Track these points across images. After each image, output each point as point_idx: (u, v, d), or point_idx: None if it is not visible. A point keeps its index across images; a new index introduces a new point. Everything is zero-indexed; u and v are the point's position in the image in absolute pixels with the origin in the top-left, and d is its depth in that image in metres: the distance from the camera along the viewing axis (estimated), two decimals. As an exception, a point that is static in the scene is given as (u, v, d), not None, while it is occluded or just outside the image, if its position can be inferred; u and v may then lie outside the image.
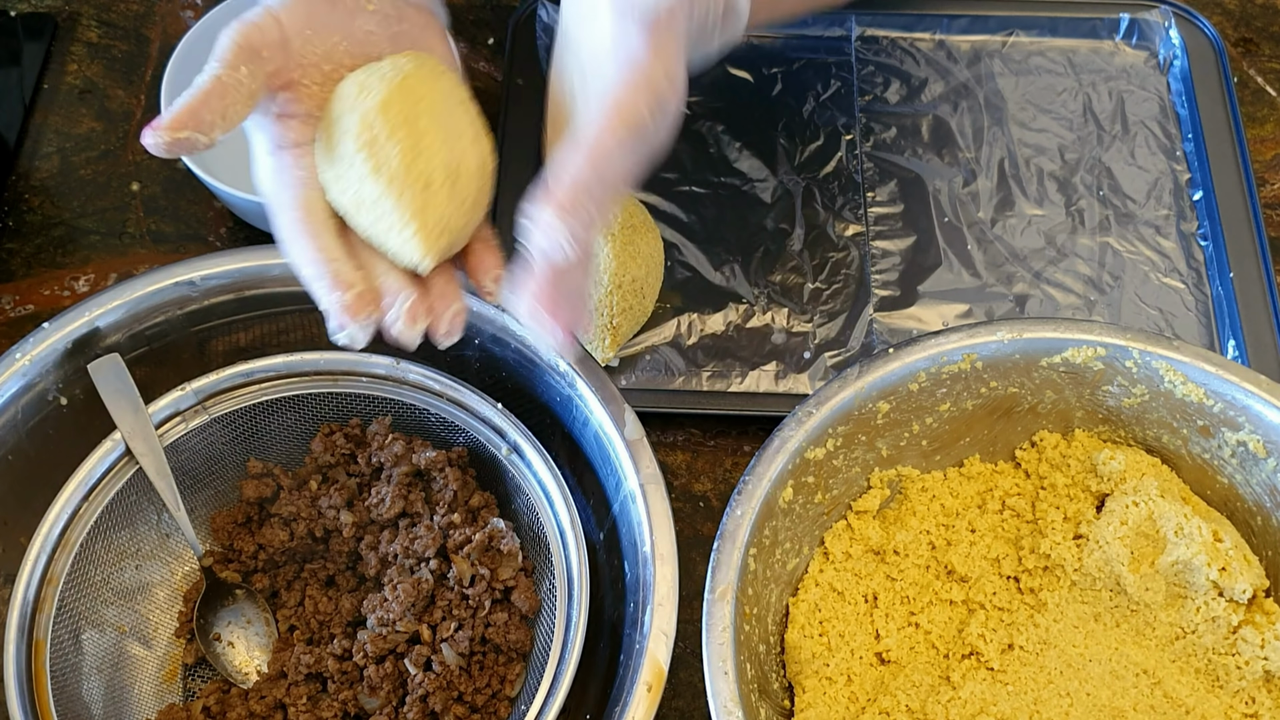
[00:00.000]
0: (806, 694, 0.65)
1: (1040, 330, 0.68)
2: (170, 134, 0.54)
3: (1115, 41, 0.94)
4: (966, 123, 0.91)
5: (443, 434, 0.72)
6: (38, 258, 0.86)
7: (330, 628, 0.70)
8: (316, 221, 0.58)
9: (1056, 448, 0.71)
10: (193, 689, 0.70)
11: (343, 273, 0.57)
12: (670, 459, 0.79)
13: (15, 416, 0.68)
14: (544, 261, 0.53)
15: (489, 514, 0.70)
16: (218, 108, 0.55)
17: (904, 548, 0.69)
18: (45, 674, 0.63)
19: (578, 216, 0.52)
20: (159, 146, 0.54)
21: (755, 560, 0.64)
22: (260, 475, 0.72)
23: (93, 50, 0.95)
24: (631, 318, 0.79)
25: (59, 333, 0.69)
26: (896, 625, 0.67)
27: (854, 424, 0.68)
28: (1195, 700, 0.64)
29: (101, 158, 0.90)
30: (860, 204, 0.87)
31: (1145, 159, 0.89)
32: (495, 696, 0.67)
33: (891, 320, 0.82)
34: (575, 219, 0.51)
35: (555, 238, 0.52)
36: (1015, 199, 0.87)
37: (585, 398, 0.68)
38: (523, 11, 0.93)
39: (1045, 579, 0.67)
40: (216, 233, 0.87)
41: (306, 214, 0.58)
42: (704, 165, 0.89)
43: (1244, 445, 0.67)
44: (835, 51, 0.93)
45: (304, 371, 0.71)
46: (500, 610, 0.67)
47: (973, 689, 0.64)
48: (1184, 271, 0.84)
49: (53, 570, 0.65)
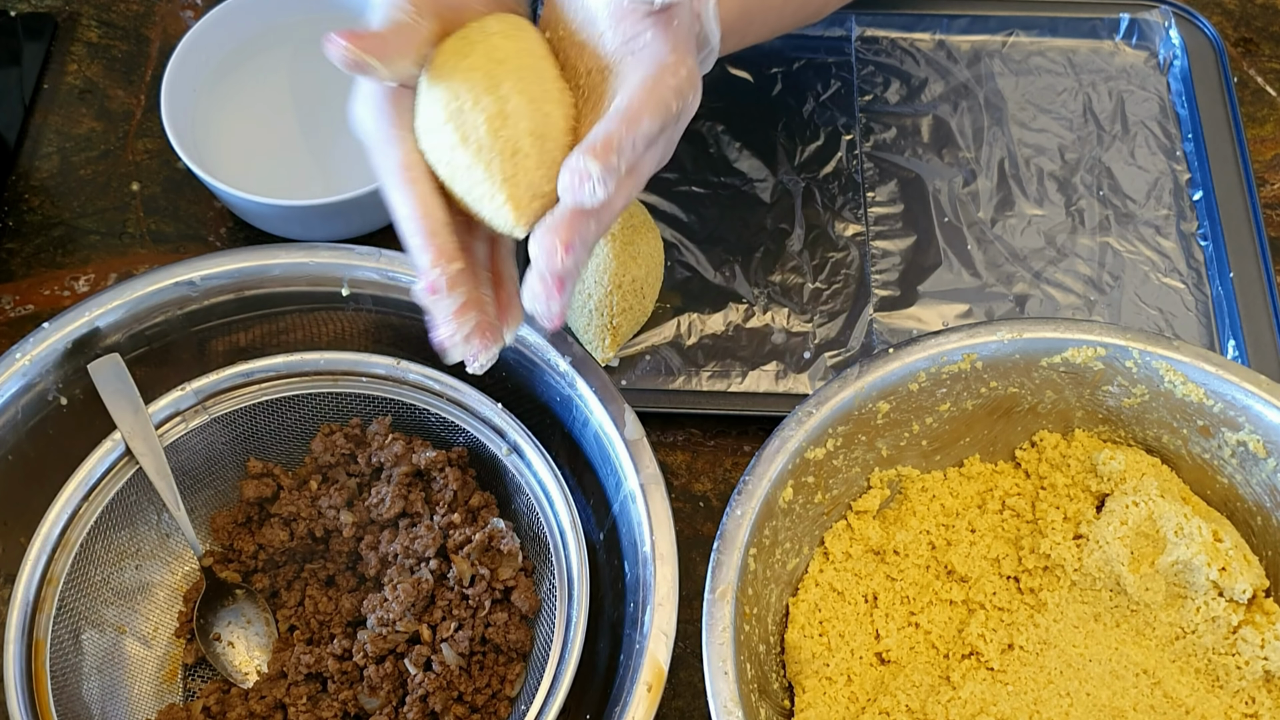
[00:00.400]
0: (806, 694, 0.65)
1: (1040, 330, 0.68)
2: (356, 54, 0.53)
3: (1115, 41, 0.94)
4: (966, 123, 0.91)
5: (443, 434, 0.72)
6: (38, 258, 0.86)
7: (330, 628, 0.70)
8: (424, 170, 0.57)
9: (1056, 448, 0.71)
10: (193, 689, 0.70)
11: (447, 242, 0.56)
12: (670, 459, 0.79)
13: (15, 416, 0.68)
14: (569, 197, 0.54)
15: (489, 514, 0.70)
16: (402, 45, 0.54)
17: (904, 548, 0.69)
18: (45, 674, 0.63)
19: (607, 162, 0.53)
20: (344, 59, 0.53)
21: (755, 560, 0.64)
22: (260, 475, 0.72)
23: (93, 50, 0.95)
24: (631, 318, 0.79)
25: (59, 333, 0.69)
26: (896, 625, 0.67)
27: (854, 424, 0.68)
28: (1195, 700, 0.64)
29: (101, 158, 0.90)
30: (860, 204, 0.87)
31: (1145, 159, 0.89)
32: (495, 696, 0.67)
33: (891, 320, 0.82)
34: (604, 164, 0.53)
35: (584, 173, 0.53)
36: (1015, 199, 0.87)
37: (585, 398, 0.68)
38: (523, 11, 0.93)
39: (1045, 579, 0.67)
40: (216, 233, 0.87)
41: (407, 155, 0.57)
42: (704, 165, 0.89)
43: (1244, 445, 0.67)
44: (835, 51, 0.93)
45: (304, 371, 0.71)
46: (500, 610, 0.67)
47: (973, 689, 0.64)
48: (1184, 271, 0.84)
49: (53, 570, 0.65)
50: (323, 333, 0.74)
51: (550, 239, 0.54)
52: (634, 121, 0.54)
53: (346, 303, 0.73)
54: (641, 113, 0.54)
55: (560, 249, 0.54)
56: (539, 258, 0.54)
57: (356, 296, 0.72)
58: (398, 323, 0.73)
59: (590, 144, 0.53)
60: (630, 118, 0.54)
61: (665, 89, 0.55)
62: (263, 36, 0.89)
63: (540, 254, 0.54)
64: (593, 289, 0.78)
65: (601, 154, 0.53)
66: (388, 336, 0.74)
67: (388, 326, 0.74)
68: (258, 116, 0.87)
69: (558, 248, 0.54)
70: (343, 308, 0.73)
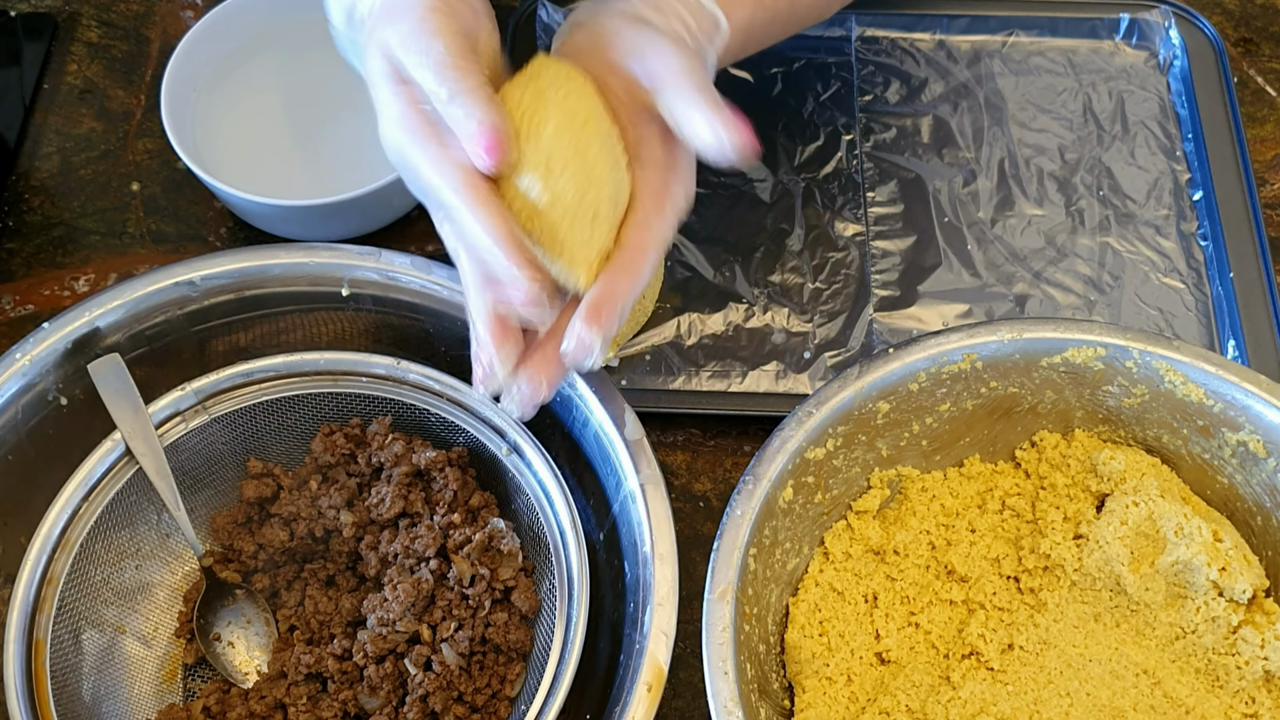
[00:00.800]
0: (806, 694, 0.65)
1: (1040, 330, 0.69)
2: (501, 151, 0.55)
3: (1115, 41, 0.94)
4: (966, 123, 0.91)
5: (443, 434, 0.72)
6: (38, 258, 0.86)
7: (330, 628, 0.70)
8: (487, 188, 0.56)
9: (1056, 448, 0.71)
10: (193, 689, 0.70)
11: (533, 257, 0.56)
12: (670, 459, 0.79)
13: (15, 416, 0.68)
14: (569, 362, 0.58)
15: (489, 514, 0.70)
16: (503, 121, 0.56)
17: (904, 548, 0.69)
18: (45, 674, 0.63)
19: (607, 329, 0.57)
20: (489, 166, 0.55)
21: (755, 560, 0.64)
22: (260, 475, 0.72)
23: (93, 50, 0.95)
24: (631, 318, 0.79)
25: (59, 333, 0.69)
26: (896, 625, 0.67)
27: (854, 424, 0.68)
28: (1195, 700, 0.64)
29: (101, 158, 0.90)
30: (860, 204, 0.87)
31: (1145, 159, 0.89)
32: (495, 696, 0.67)
33: (891, 320, 0.82)
34: (604, 330, 0.57)
35: (587, 346, 0.57)
36: (1015, 199, 0.87)
37: (585, 398, 0.68)
38: (522, 12, 0.93)
39: (1045, 579, 0.67)
40: (216, 233, 0.87)
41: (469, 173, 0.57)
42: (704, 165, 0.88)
43: (1244, 445, 0.67)
44: (835, 51, 0.93)
45: (304, 371, 0.71)
46: (500, 610, 0.67)
47: (973, 689, 0.64)
48: (1184, 271, 0.84)
49: (53, 570, 0.65)
50: (323, 333, 0.74)
51: (535, 373, 0.58)
52: (634, 274, 0.58)
53: (346, 303, 0.73)
54: (642, 262, 0.58)
55: (544, 384, 0.59)
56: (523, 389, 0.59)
57: (356, 296, 0.72)
58: (398, 323, 0.74)
59: (595, 306, 0.56)
60: (629, 268, 0.57)
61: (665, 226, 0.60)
62: (263, 36, 0.89)
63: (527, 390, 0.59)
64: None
65: (605, 320, 0.56)
66: (388, 336, 0.74)
67: (388, 326, 0.74)
68: (258, 116, 0.87)
69: (542, 384, 0.59)
70: (343, 308, 0.73)
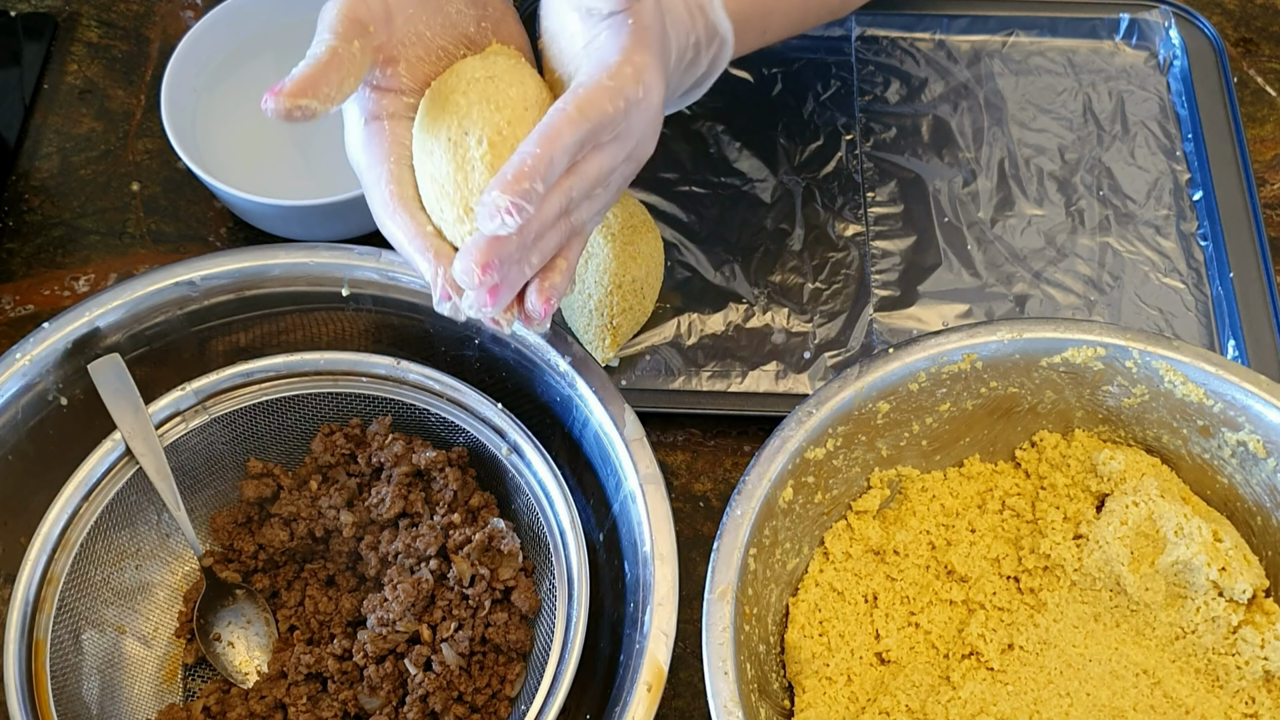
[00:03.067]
0: (806, 694, 0.65)
1: (1040, 330, 0.69)
2: (291, 100, 0.55)
3: (1115, 41, 0.94)
4: (966, 123, 0.91)
5: (443, 434, 0.72)
6: (38, 258, 0.86)
7: (330, 628, 0.70)
8: (411, 194, 0.59)
9: (1056, 448, 0.71)
10: (193, 689, 0.70)
11: (442, 247, 0.59)
12: (670, 459, 0.79)
13: (15, 416, 0.68)
14: (486, 228, 0.55)
15: (489, 514, 0.70)
16: (335, 79, 0.56)
17: (904, 548, 0.69)
18: (45, 674, 0.63)
19: (517, 189, 0.53)
20: (279, 112, 0.55)
21: (755, 560, 0.64)
22: (260, 475, 0.72)
23: (93, 50, 0.95)
24: (631, 318, 0.79)
25: (59, 333, 0.69)
26: (896, 625, 0.67)
27: (854, 424, 0.68)
28: (1195, 700, 0.64)
29: (101, 158, 0.90)
30: (860, 204, 0.87)
31: (1145, 159, 0.89)
32: (495, 696, 0.67)
33: (891, 320, 0.82)
34: (514, 191, 0.53)
35: (493, 208, 0.54)
36: (1015, 199, 0.87)
37: (585, 398, 0.68)
38: (523, 12, 0.93)
39: (1045, 579, 0.67)
40: (216, 233, 0.87)
41: (400, 186, 0.59)
42: (704, 165, 0.89)
43: (1244, 445, 0.67)
44: (835, 51, 0.93)
45: (304, 371, 0.71)
46: (500, 610, 0.67)
47: (973, 689, 0.64)
48: (1184, 271, 0.84)
49: (53, 570, 0.65)
50: (323, 333, 0.74)
51: (466, 265, 0.56)
52: (553, 139, 0.54)
53: (346, 303, 0.73)
54: (562, 127, 0.55)
55: (477, 271, 0.55)
56: (460, 277, 0.56)
57: (356, 296, 0.72)
58: (398, 323, 0.74)
59: (502, 176, 0.54)
60: (550, 135, 0.54)
61: (600, 93, 0.56)
62: (263, 36, 0.89)
63: (461, 275, 0.56)
64: (593, 289, 0.78)
65: (513, 184, 0.53)
66: (388, 336, 0.74)
67: (388, 326, 0.74)
68: (258, 116, 0.87)
69: (474, 270, 0.55)
70: (343, 308, 0.73)
